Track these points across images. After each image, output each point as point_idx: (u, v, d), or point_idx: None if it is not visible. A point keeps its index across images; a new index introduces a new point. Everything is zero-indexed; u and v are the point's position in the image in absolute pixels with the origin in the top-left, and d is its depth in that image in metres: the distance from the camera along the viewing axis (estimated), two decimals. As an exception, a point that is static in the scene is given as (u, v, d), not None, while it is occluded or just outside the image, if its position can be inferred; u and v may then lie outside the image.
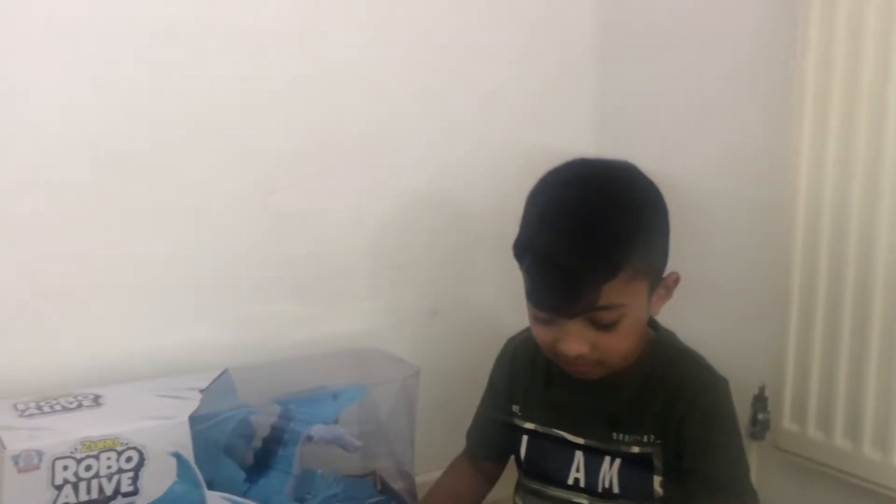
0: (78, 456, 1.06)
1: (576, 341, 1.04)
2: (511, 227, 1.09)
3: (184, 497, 1.14)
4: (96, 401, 1.17)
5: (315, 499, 1.31)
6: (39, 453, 1.03)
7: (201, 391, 1.24)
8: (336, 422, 1.35)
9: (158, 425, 1.12)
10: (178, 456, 1.13)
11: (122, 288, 1.30)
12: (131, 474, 1.10)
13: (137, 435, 1.10)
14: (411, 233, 1.57)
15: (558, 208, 1.05)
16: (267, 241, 1.44)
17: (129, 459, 1.09)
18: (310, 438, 1.33)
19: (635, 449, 1.06)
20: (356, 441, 1.37)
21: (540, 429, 1.20)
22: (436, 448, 1.40)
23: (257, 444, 1.33)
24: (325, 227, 1.49)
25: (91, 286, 1.27)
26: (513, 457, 1.25)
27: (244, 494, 1.26)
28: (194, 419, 1.15)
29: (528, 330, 1.27)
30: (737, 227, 1.39)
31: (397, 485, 1.45)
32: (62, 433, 1.06)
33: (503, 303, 1.64)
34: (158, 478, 1.12)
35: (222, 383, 1.31)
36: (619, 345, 1.04)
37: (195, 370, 1.33)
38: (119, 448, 1.08)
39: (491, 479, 1.33)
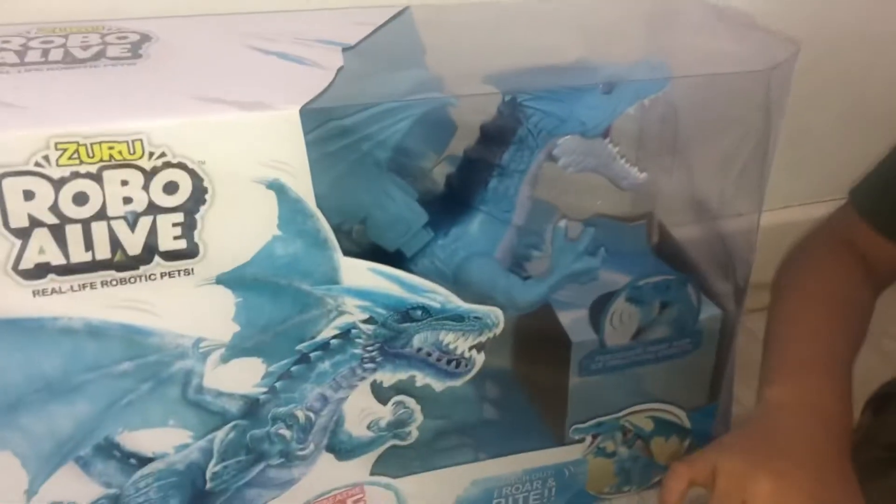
0: (52, 173, 0.47)
1: None
2: None
3: (293, 265, 0.55)
4: (135, 49, 0.56)
5: (553, 273, 0.68)
6: (-39, 161, 0.45)
7: (347, 49, 0.59)
8: (606, 135, 0.68)
9: (234, 120, 0.49)
10: (278, 188, 0.52)
11: None
12: (180, 217, 0.50)
13: (183, 138, 0.48)
14: None
15: None
16: None
17: (171, 188, 0.49)
18: (553, 159, 0.68)
19: None
20: (636, 171, 0.70)
21: None
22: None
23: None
24: None
25: None
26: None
27: (422, 250, 0.66)
28: (314, 113, 0.51)
29: None
30: None
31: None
32: (17, 120, 0.47)
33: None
34: (240, 230, 0.53)
35: (394, 35, 0.65)
36: None
37: (349, 5, 0.67)
38: (145, 162, 0.48)
39: (882, 276, 0.64)
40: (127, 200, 0.48)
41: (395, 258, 0.66)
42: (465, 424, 0.71)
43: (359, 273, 0.57)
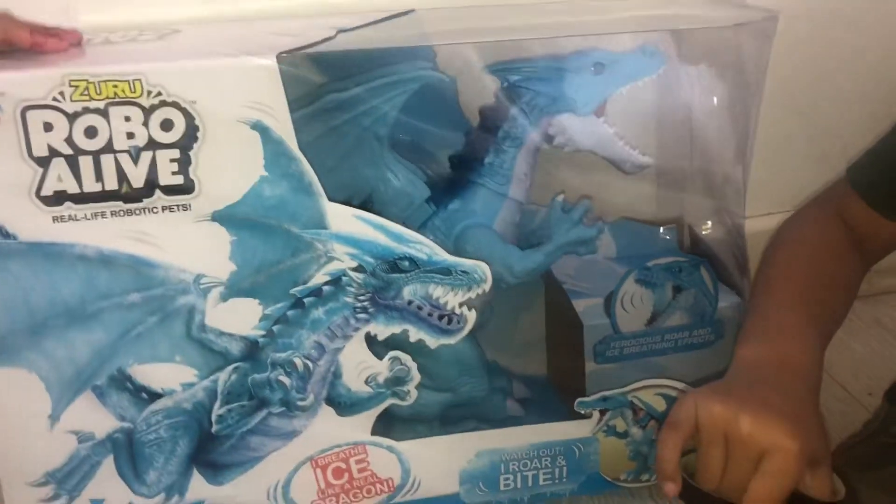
0: (67, 107, 0.56)
1: None
2: None
3: (281, 207, 0.61)
4: (161, 36, 0.66)
5: (550, 242, 0.71)
6: (-7, 93, 0.55)
7: (341, 31, 0.67)
8: (600, 113, 0.72)
9: (219, 66, 0.58)
10: (261, 129, 0.59)
11: None
12: (176, 154, 0.58)
13: (175, 79, 0.57)
14: None
15: None
16: None
17: (167, 126, 0.57)
18: (548, 140, 0.73)
19: None
20: (638, 153, 0.73)
21: None
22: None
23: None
24: None
25: None
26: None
27: (425, 223, 0.71)
28: (289, 62, 0.59)
29: None
30: None
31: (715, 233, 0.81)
32: (41, 63, 0.57)
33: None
34: (231, 168, 0.60)
35: (395, 24, 0.73)
36: None
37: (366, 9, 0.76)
38: (144, 100, 0.57)
39: (872, 252, 0.65)
40: (130, 135, 0.57)
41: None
42: (472, 396, 0.73)
43: (345, 220, 0.62)
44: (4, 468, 0.63)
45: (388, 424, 0.69)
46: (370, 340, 0.66)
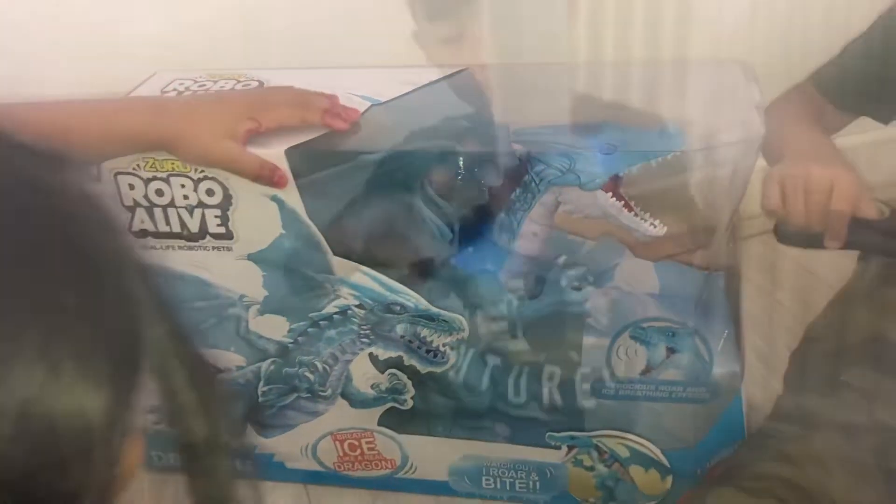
0: (143, 175, 0.78)
1: None
2: None
3: (298, 256, 0.80)
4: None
5: (543, 300, 0.83)
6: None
7: (376, 104, 0.81)
8: (610, 189, 0.80)
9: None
10: (278, 201, 0.77)
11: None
12: (217, 212, 0.78)
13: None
14: None
15: None
16: None
17: (210, 193, 0.77)
18: (558, 205, 0.83)
19: None
20: (647, 224, 0.81)
21: None
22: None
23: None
24: None
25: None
26: None
27: (445, 261, 0.86)
28: (297, 153, 0.75)
29: None
30: None
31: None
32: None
33: None
34: (258, 225, 0.79)
35: (445, 91, 0.85)
36: None
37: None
38: (192, 174, 0.77)
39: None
40: (185, 197, 0.77)
41: (427, 263, 0.87)
42: (473, 409, 0.89)
43: (348, 270, 0.79)
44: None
45: (390, 417, 0.87)
46: (372, 358, 0.84)
